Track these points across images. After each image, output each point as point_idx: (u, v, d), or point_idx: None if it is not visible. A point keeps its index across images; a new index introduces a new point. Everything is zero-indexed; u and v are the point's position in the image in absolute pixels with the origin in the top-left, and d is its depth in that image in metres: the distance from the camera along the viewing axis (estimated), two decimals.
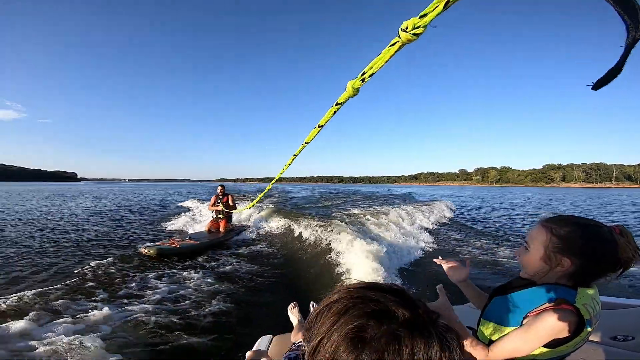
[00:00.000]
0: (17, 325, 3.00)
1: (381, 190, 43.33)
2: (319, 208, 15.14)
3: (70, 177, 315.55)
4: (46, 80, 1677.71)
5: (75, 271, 4.70)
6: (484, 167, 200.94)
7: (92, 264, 4.93)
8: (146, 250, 5.48)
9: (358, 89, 1.08)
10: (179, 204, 17.61)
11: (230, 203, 7.77)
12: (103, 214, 12.80)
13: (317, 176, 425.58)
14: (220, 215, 7.70)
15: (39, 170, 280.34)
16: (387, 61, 0.90)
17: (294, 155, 2.09)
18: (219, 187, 7.95)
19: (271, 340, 1.69)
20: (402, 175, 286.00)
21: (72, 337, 2.78)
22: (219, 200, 7.74)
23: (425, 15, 0.75)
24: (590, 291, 0.91)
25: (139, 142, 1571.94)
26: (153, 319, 3.25)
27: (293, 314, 2.08)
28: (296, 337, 1.59)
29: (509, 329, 0.94)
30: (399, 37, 0.80)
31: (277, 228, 8.63)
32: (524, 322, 0.91)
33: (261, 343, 1.67)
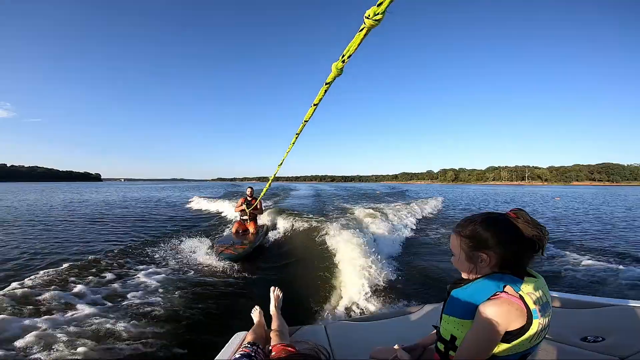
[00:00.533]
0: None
1: (382, 189, 47.19)
2: (324, 207, 15.41)
3: (95, 178, 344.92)
4: (34, 78, 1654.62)
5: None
6: (446, 168, 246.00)
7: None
8: (209, 261, 5.37)
9: (341, 69, 1.23)
10: (193, 204, 17.15)
11: (259, 206, 7.55)
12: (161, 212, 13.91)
13: (311, 175, 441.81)
14: (247, 217, 7.44)
15: (70, 172, 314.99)
16: (359, 44, 1.06)
17: (296, 134, 2.30)
18: (248, 189, 7.74)
19: (245, 337, 1.69)
20: (387, 175, 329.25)
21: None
22: (248, 203, 7.45)
23: (381, 3, 0.88)
24: (536, 281, 0.95)
25: (131, 141, 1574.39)
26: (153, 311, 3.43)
27: (255, 316, 2.15)
28: (249, 336, 1.66)
29: (467, 322, 0.96)
30: (364, 23, 0.94)
31: (287, 228, 8.07)
32: (475, 316, 0.93)
33: (235, 340, 1.69)
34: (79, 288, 3.98)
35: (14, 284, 4.00)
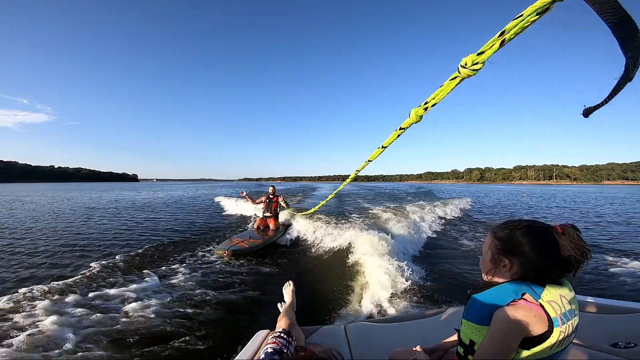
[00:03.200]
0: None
1: (406, 188, 47.47)
2: (344, 206, 15.48)
3: (132, 179, 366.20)
4: (70, 82, 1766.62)
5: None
6: (471, 167, 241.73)
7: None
8: (221, 252, 5.59)
9: (421, 117, 1.20)
10: (220, 203, 17.30)
11: (282, 204, 8.05)
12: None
13: (334, 175, 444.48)
14: (268, 214, 7.76)
15: (111, 172, 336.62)
16: (448, 93, 1.02)
17: (356, 170, 2.45)
18: (270, 188, 8.10)
19: (267, 335, 1.67)
20: (412, 174, 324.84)
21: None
22: (270, 201, 7.87)
23: (482, 52, 0.84)
24: (560, 289, 0.91)
25: (162, 143, 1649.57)
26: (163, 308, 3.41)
27: (286, 293, 2.13)
28: (281, 322, 1.62)
29: (484, 328, 0.94)
30: (459, 72, 0.91)
31: (308, 228, 7.95)
32: (491, 321, 0.92)
33: (257, 338, 1.68)
34: (102, 286, 4.04)
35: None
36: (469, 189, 51.33)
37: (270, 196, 7.98)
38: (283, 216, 8.90)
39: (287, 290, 2.17)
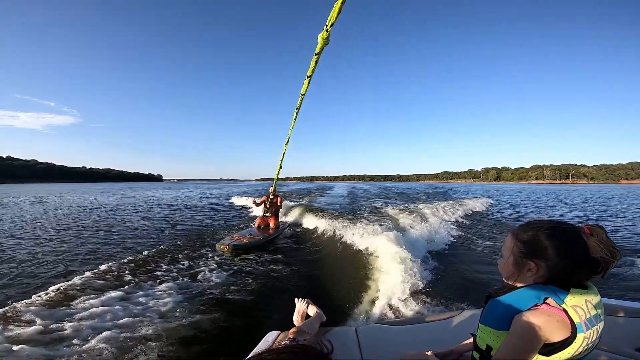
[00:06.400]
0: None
1: (422, 188, 46.99)
2: (357, 206, 15.54)
3: (157, 179, 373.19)
4: (97, 86, 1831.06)
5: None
6: (488, 166, 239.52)
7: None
8: (222, 247, 5.88)
9: (327, 38, 1.32)
10: (233, 202, 18.43)
11: (279, 202, 8.38)
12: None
13: (350, 175, 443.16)
14: (269, 214, 8.05)
15: (138, 173, 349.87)
16: (338, 13, 1.16)
17: (296, 109, 2.39)
18: (271, 188, 8.44)
19: (278, 336, 1.66)
20: (428, 174, 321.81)
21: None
22: (270, 200, 8.22)
23: None
24: (585, 293, 0.87)
25: (182, 144, 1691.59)
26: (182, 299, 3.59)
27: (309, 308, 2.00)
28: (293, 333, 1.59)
29: (502, 333, 0.92)
30: None
31: (319, 227, 8.31)
32: (511, 326, 0.89)
33: (268, 339, 1.66)
34: (114, 287, 4.01)
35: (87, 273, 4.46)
36: (470, 188, 53.33)
37: (271, 196, 8.38)
38: (291, 215, 9.95)
39: (309, 307, 1.94)
